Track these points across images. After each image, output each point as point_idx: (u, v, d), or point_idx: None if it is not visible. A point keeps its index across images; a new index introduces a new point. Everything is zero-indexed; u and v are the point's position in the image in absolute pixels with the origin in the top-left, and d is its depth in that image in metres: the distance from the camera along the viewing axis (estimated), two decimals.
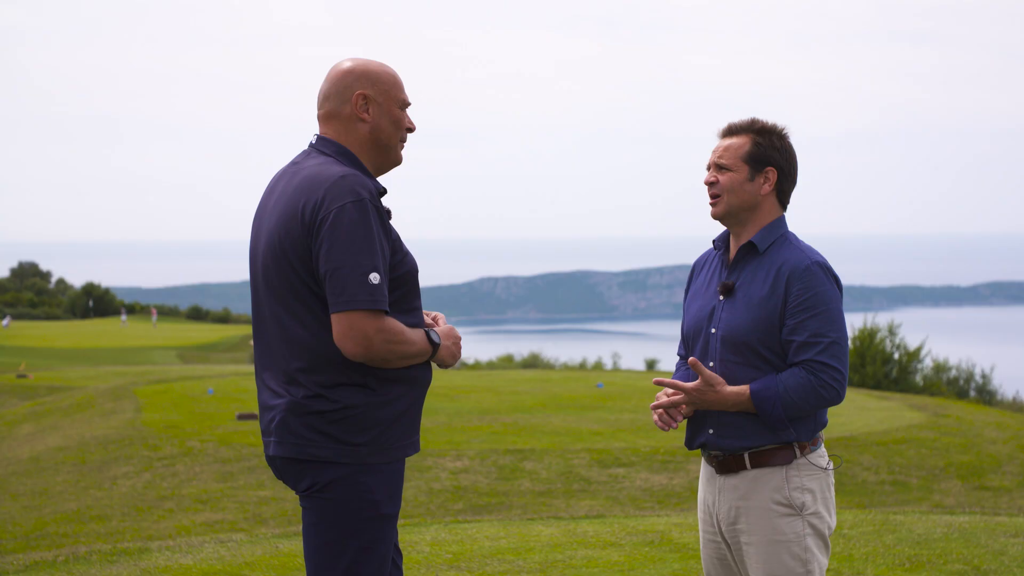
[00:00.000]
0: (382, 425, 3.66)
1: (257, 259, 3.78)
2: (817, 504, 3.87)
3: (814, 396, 3.79)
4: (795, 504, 3.85)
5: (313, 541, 3.69)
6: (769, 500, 3.87)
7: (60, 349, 47.37)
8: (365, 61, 3.81)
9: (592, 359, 48.47)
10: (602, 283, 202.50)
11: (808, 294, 3.82)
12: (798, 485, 3.86)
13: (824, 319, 3.81)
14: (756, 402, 3.81)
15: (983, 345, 72.43)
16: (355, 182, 3.61)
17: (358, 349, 3.55)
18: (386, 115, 3.78)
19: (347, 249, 3.54)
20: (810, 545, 3.85)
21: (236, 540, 7.95)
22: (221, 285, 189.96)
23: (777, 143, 3.98)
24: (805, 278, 3.83)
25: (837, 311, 3.85)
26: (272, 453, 3.73)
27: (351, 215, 3.56)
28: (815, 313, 3.81)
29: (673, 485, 13.00)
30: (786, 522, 3.85)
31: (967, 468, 13.97)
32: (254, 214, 3.86)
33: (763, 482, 3.88)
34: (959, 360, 33.23)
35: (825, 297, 3.83)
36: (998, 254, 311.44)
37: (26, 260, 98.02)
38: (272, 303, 3.71)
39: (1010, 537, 7.72)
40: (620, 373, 30.05)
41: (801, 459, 3.87)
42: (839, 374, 3.80)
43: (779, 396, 3.79)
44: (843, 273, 4.21)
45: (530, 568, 6.94)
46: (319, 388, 3.62)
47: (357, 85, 3.76)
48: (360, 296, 3.53)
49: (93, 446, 15.99)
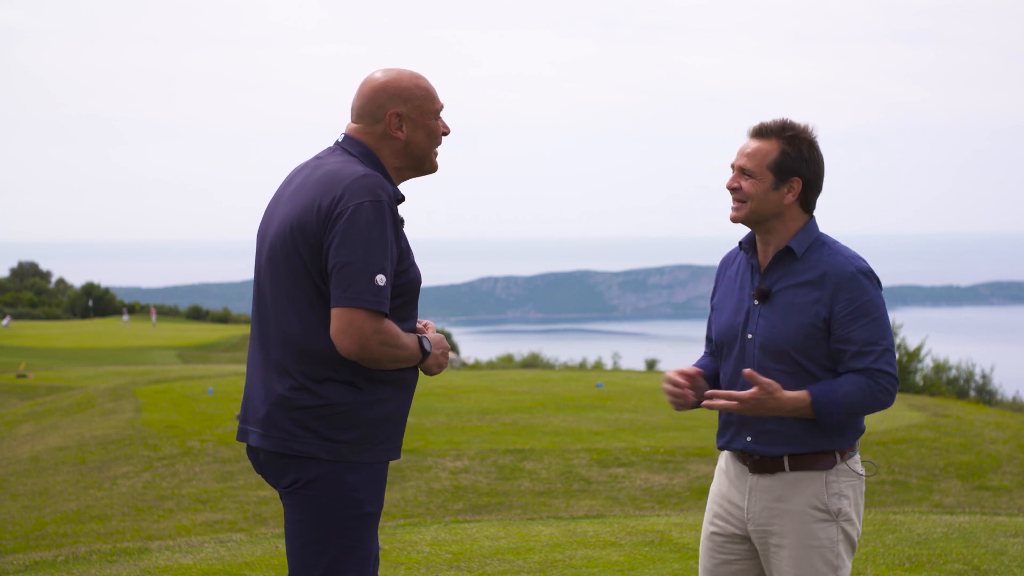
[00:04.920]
0: (368, 425, 3.67)
1: (264, 245, 3.78)
2: (851, 510, 3.86)
3: (872, 401, 3.76)
4: (832, 510, 3.82)
5: (296, 539, 3.69)
6: (807, 504, 3.83)
7: (60, 349, 47.38)
8: (397, 75, 3.80)
9: (592, 359, 48.49)
10: (602, 283, 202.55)
11: (857, 303, 3.78)
12: (836, 491, 3.83)
13: (875, 327, 3.78)
14: (817, 407, 3.75)
15: (983, 345, 72.45)
16: (376, 183, 3.63)
17: (353, 347, 3.56)
18: (421, 129, 3.79)
19: (359, 247, 3.55)
20: (842, 551, 3.84)
21: (236, 540, 7.95)
22: (221, 285, 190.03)
23: (806, 152, 3.88)
24: (852, 286, 3.79)
25: (884, 317, 3.82)
26: (255, 444, 3.73)
27: (368, 214, 3.57)
28: (866, 321, 3.78)
29: (673, 485, 13.00)
30: (821, 527, 3.82)
31: (967, 468, 13.96)
32: (268, 203, 3.86)
33: (801, 486, 3.84)
34: (959, 360, 33.26)
35: (873, 305, 3.80)
36: (998, 254, 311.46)
37: (26, 260, 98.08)
38: (273, 291, 3.72)
39: (1010, 537, 7.72)
40: (620, 373, 30.05)
41: (841, 464, 3.84)
42: (893, 380, 3.79)
43: (840, 400, 3.74)
44: None
45: (530, 568, 6.94)
46: (306, 380, 3.63)
47: (390, 104, 3.76)
48: (365, 295, 3.54)
49: (93, 446, 15.99)
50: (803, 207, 3.93)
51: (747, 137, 3.97)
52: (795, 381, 3.81)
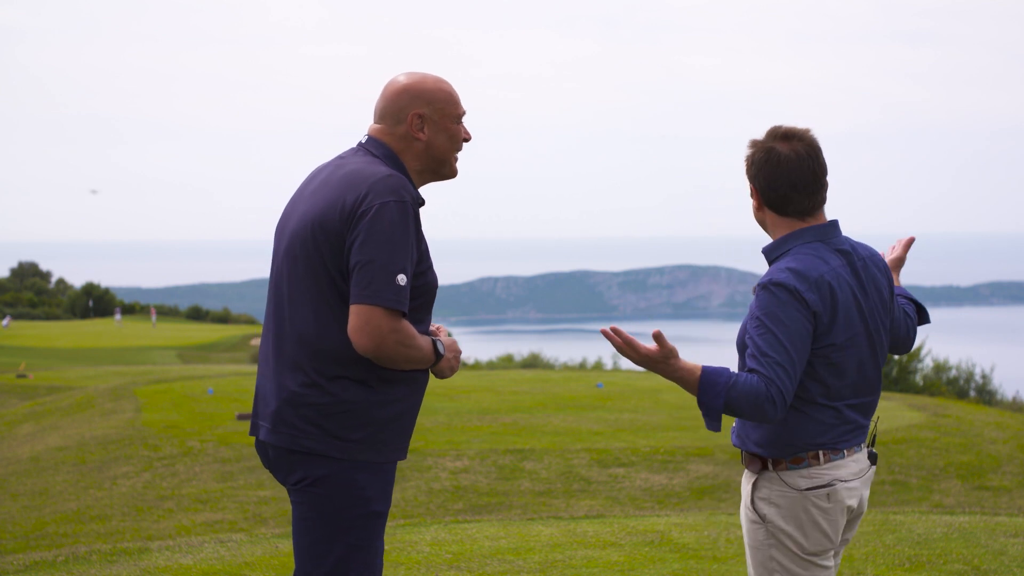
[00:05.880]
0: (378, 424, 3.67)
1: (282, 242, 3.79)
2: (783, 520, 3.81)
3: (756, 406, 3.67)
4: (759, 513, 3.84)
5: (303, 536, 3.70)
6: (745, 500, 3.91)
7: (60, 349, 47.38)
8: (421, 78, 3.83)
9: (592, 359, 48.41)
10: (602, 283, 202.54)
11: (755, 313, 3.75)
12: (764, 496, 3.83)
13: (766, 338, 3.71)
14: (702, 385, 3.71)
15: (983, 345, 72.40)
16: (400, 184, 3.65)
17: (370, 344, 3.56)
18: (442, 132, 3.82)
19: (383, 245, 3.56)
20: (777, 557, 3.82)
21: (236, 540, 7.95)
22: (221, 285, 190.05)
23: (758, 156, 3.86)
24: (759, 297, 3.76)
25: (775, 330, 3.70)
26: (264, 439, 3.74)
27: (392, 213, 3.59)
28: (762, 331, 3.72)
29: (673, 485, 13.00)
30: (752, 528, 3.87)
31: (967, 468, 13.96)
32: (289, 200, 3.88)
33: (745, 483, 3.93)
34: (959, 360, 33.25)
35: (766, 314, 3.72)
36: (998, 254, 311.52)
37: (26, 260, 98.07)
38: (290, 287, 3.72)
39: (1010, 537, 7.72)
40: (620, 373, 30.04)
41: (771, 472, 3.82)
42: (783, 396, 3.68)
43: (723, 386, 3.68)
44: None
45: (530, 568, 6.94)
46: (319, 377, 3.64)
47: (412, 105, 3.79)
48: (386, 293, 3.55)
49: (93, 446, 15.99)
50: (780, 214, 3.88)
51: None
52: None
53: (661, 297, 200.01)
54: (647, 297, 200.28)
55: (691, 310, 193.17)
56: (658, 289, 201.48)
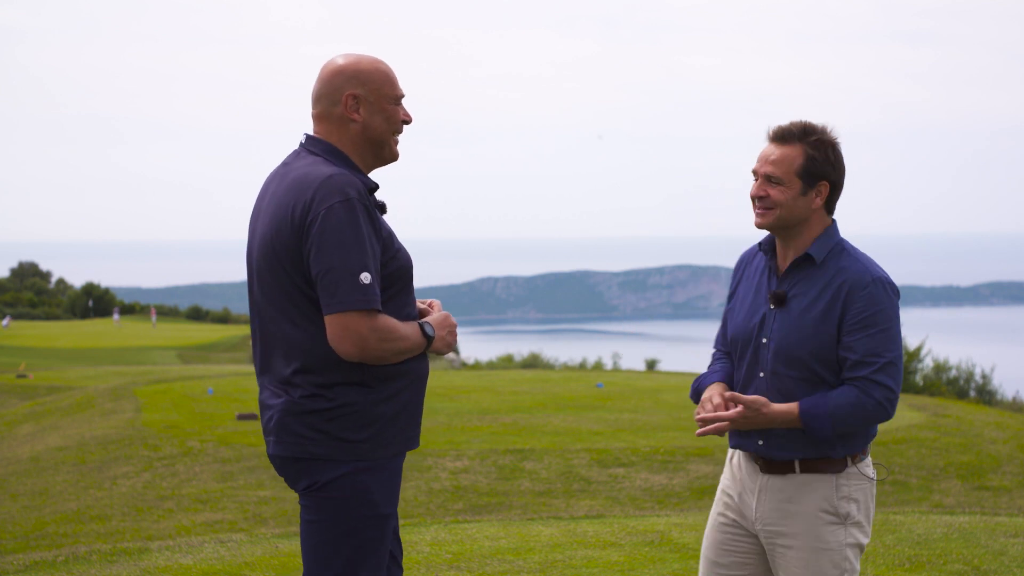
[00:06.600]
0: (382, 421, 3.67)
1: (252, 262, 3.78)
2: (860, 515, 3.84)
3: (863, 415, 3.73)
4: (841, 513, 3.81)
5: (311, 539, 3.70)
6: (816, 507, 3.82)
7: (60, 349, 47.36)
8: (356, 59, 3.78)
9: (592, 359, 48.43)
10: (602, 283, 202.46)
11: (867, 312, 3.75)
12: (846, 495, 3.82)
13: (882, 338, 3.75)
14: (805, 420, 3.73)
15: (983, 345, 72.40)
16: (343, 181, 3.60)
17: (353, 349, 3.55)
18: (378, 113, 3.76)
19: (336, 250, 3.54)
20: (850, 555, 3.82)
21: (236, 540, 7.95)
22: (221, 285, 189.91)
23: (831, 156, 3.85)
24: (866, 295, 3.76)
25: (894, 329, 3.79)
26: (271, 452, 3.75)
27: (339, 216, 3.55)
28: (873, 331, 3.74)
29: (673, 485, 12.99)
30: (830, 531, 3.81)
31: (967, 468, 13.96)
32: (250, 217, 3.86)
33: (811, 488, 3.83)
34: (959, 360, 33.21)
35: (884, 315, 3.76)
36: (998, 254, 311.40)
37: (26, 260, 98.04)
38: (267, 305, 3.71)
39: (1010, 537, 7.72)
40: (620, 373, 30.03)
41: (851, 468, 3.83)
42: (891, 393, 3.75)
43: (829, 415, 3.71)
44: None
45: (530, 568, 6.94)
46: (316, 388, 3.63)
47: (347, 86, 3.74)
48: (352, 297, 3.53)
49: (93, 446, 15.99)
50: (827, 210, 3.91)
51: (766, 142, 3.90)
52: (809, 387, 3.79)
53: (661, 297, 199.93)
54: (647, 297, 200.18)
55: (691, 310, 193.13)
56: (658, 289, 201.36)
